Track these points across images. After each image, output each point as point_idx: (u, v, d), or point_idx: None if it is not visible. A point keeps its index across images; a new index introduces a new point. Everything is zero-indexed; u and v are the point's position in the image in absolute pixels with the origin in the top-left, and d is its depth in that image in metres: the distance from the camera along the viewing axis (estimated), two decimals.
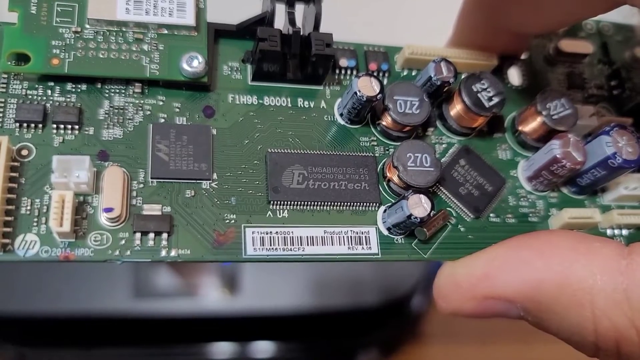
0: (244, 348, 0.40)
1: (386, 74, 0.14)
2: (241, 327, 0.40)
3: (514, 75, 0.16)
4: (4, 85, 0.12)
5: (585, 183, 0.14)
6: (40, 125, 0.12)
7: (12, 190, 0.11)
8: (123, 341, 0.40)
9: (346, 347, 0.42)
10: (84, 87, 0.13)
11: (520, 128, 0.14)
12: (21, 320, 0.39)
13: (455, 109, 0.14)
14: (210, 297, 0.39)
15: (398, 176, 0.13)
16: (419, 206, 0.12)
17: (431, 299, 0.41)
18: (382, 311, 0.41)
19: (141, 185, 0.12)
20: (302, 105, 0.14)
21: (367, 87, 0.13)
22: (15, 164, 0.12)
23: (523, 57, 0.16)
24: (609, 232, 0.14)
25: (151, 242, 0.12)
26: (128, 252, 0.12)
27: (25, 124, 0.12)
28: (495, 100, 0.13)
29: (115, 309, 0.39)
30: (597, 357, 0.12)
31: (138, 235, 0.12)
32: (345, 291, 0.40)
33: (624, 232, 0.15)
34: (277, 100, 0.14)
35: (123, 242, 0.12)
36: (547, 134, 0.14)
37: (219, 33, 0.14)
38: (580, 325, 0.12)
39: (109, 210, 0.12)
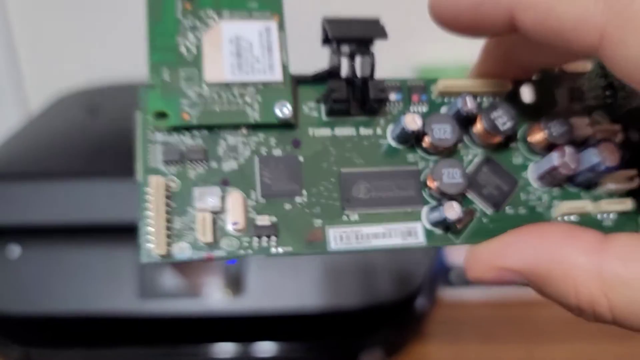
0: (247, 348, 0.41)
1: (426, 102, 0.19)
2: (244, 328, 0.41)
3: (526, 93, 0.20)
4: (152, 138, 0.17)
5: (580, 181, 0.18)
6: (179, 164, 0.17)
7: (169, 212, 0.16)
8: (128, 341, 0.41)
9: (350, 347, 0.42)
10: (206, 132, 0.17)
11: (529, 139, 0.19)
12: (26, 320, 0.40)
13: (478, 130, 0.18)
14: (215, 298, 0.40)
15: (436, 187, 0.17)
16: (451, 210, 0.17)
17: (435, 299, 0.45)
18: (387, 311, 0.42)
19: (254, 203, 0.17)
20: (363, 134, 0.18)
21: (411, 122, 0.17)
22: (168, 193, 0.17)
23: (534, 78, 0.20)
24: (598, 216, 0.19)
25: (265, 243, 0.17)
26: (250, 251, 0.17)
27: (169, 163, 0.17)
28: (508, 124, 0.18)
29: (121, 309, 0.39)
30: (581, 317, 0.16)
31: (255, 239, 0.17)
32: (349, 291, 0.40)
33: (611, 216, 0.19)
34: (345, 130, 0.18)
35: (246, 244, 0.17)
36: (549, 145, 0.18)
37: (299, 81, 0.18)
38: (567, 293, 0.15)
39: (235, 224, 0.17)
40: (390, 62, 0.62)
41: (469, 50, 0.22)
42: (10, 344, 0.41)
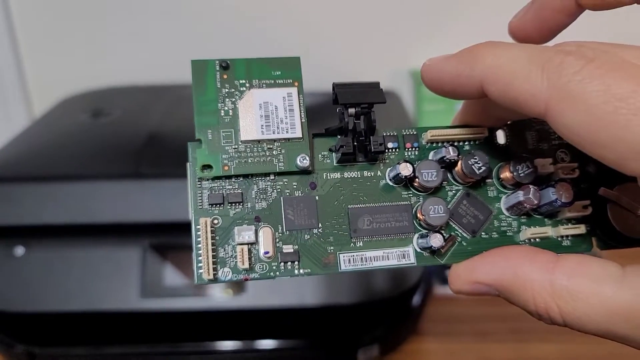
0: (247, 345, 0.42)
1: (417, 148, 0.23)
2: (244, 325, 0.42)
3: (500, 137, 0.24)
4: (199, 185, 0.22)
5: (542, 211, 0.23)
6: (221, 205, 0.22)
7: (214, 244, 0.21)
8: (130, 339, 0.42)
9: (347, 343, 0.43)
10: (241, 180, 0.22)
11: (501, 176, 0.23)
12: (30, 318, 0.41)
13: (459, 173, 0.23)
14: (216, 297, 0.41)
15: (424, 219, 0.22)
16: (436, 240, 0.21)
17: (431, 297, 0.46)
18: (383, 308, 0.43)
19: (280, 234, 0.22)
20: (366, 175, 0.23)
21: (405, 169, 0.22)
22: (212, 228, 0.21)
23: (508, 122, 0.24)
24: (559, 239, 0.23)
25: (289, 267, 0.21)
26: (277, 273, 0.21)
27: (213, 205, 0.22)
28: (483, 169, 0.22)
29: (124, 308, 0.41)
30: (540, 320, 0.20)
31: (282, 264, 0.21)
32: (346, 289, 0.42)
33: (569, 239, 0.23)
34: (352, 174, 0.23)
35: (274, 267, 0.21)
36: (517, 183, 0.23)
37: (314, 135, 0.23)
38: (527, 301, 0.19)
39: (266, 252, 0.21)
40: (388, 67, 0.66)
41: None
42: (14, 343, 0.42)
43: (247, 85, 0.22)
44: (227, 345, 0.42)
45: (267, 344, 0.42)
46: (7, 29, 0.69)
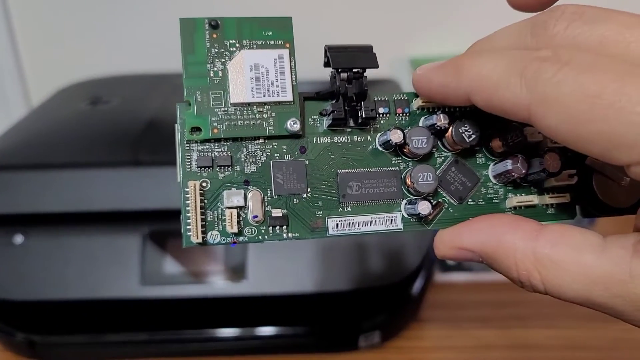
0: (247, 332, 0.42)
1: (408, 114, 0.23)
2: (245, 313, 0.42)
3: None
4: (188, 147, 0.21)
5: (530, 180, 0.23)
6: (210, 168, 0.21)
7: (203, 208, 0.21)
8: (130, 327, 0.42)
9: (348, 330, 0.43)
10: (231, 143, 0.22)
11: (490, 144, 0.23)
12: (30, 307, 0.41)
13: (449, 140, 0.23)
14: (216, 284, 0.42)
15: (413, 186, 0.22)
16: (425, 206, 0.22)
17: (431, 284, 0.47)
18: (384, 295, 0.43)
19: (269, 199, 0.22)
20: (356, 140, 0.23)
21: (395, 135, 0.22)
22: (201, 191, 0.21)
23: None
24: (544, 207, 0.24)
25: (278, 230, 0.22)
26: (266, 237, 0.22)
27: (202, 168, 0.21)
28: (473, 137, 0.22)
29: (124, 295, 0.41)
30: (522, 288, 0.20)
31: (271, 228, 0.22)
32: (347, 276, 0.42)
33: (554, 207, 0.24)
34: (342, 138, 0.22)
35: (263, 231, 0.22)
36: (506, 151, 0.23)
37: (305, 98, 0.22)
38: (509, 268, 0.20)
39: (255, 217, 0.21)
40: (388, 56, 0.65)
41: (458, 46, 0.26)
42: (13, 331, 0.42)
43: (238, 45, 0.21)
44: (228, 332, 0.42)
45: (267, 331, 0.42)
46: (5, 18, 0.68)
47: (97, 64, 0.68)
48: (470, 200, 0.23)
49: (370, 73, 0.22)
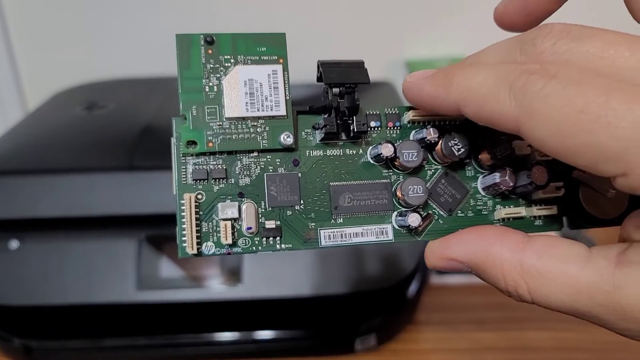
0: (244, 336, 0.42)
1: (399, 127, 0.24)
2: (241, 316, 0.42)
3: None
4: (184, 160, 0.22)
5: (517, 192, 0.24)
6: (205, 181, 0.22)
7: (198, 219, 0.22)
8: (127, 331, 0.42)
9: (345, 333, 0.43)
10: (226, 156, 0.22)
11: (479, 157, 0.24)
12: (26, 312, 0.41)
13: (439, 154, 0.23)
14: (213, 288, 0.42)
15: (403, 199, 0.23)
16: (414, 218, 0.22)
17: (427, 287, 0.46)
18: (380, 299, 0.43)
19: (263, 211, 0.22)
20: (348, 153, 0.23)
21: (386, 148, 0.22)
22: (196, 203, 0.22)
23: None
24: (532, 219, 0.24)
25: (271, 242, 0.22)
26: (260, 248, 0.22)
27: (197, 181, 0.22)
28: (462, 151, 0.23)
29: (120, 300, 0.41)
30: (510, 297, 0.21)
31: (264, 239, 0.22)
32: (342, 279, 0.42)
33: (542, 219, 0.24)
34: (334, 151, 0.23)
35: (256, 242, 0.22)
36: (494, 164, 0.23)
37: (298, 112, 0.23)
38: (497, 279, 0.20)
39: (249, 228, 0.22)
40: (384, 58, 0.65)
41: (453, 49, 0.26)
42: (10, 336, 0.42)
43: (232, 61, 0.22)
44: (224, 336, 0.42)
45: (264, 334, 0.43)
46: (0, 23, 0.68)
47: (93, 68, 0.69)
48: (459, 212, 0.24)
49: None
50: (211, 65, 0.22)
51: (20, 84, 0.73)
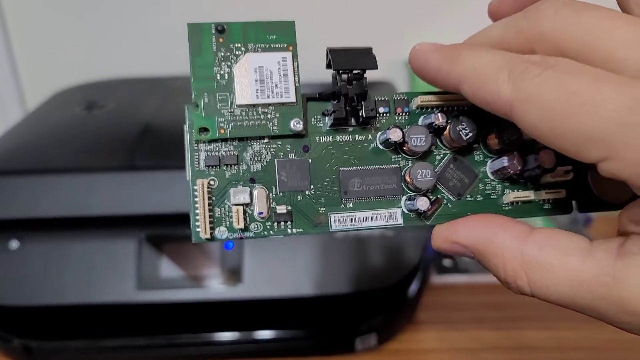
0: (244, 336, 0.42)
1: (407, 113, 0.24)
2: (241, 316, 0.42)
3: None
4: (196, 147, 0.22)
5: (526, 176, 0.24)
6: (217, 167, 0.22)
7: (210, 205, 0.22)
8: (128, 331, 0.42)
9: (345, 333, 0.43)
10: (237, 142, 0.22)
11: (487, 142, 0.24)
12: (26, 312, 0.41)
13: (447, 138, 0.23)
14: (213, 288, 0.42)
15: (412, 183, 0.23)
16: (423, 202, 0.22)
17: (427, 286, 0.47)
18: (381, 298, 0.43)
19: (274, 196, 0.22)
20: (357, 139, 0.23)
21: (395, 134, 0.22)
22: (209, 189, 0.22)
23: None
24: (540, 202, 0.24)
25: (282, 226, 0.22)
26: (271, 232, 0.22)
27: (210, 167, 0.22)
28: (470, 135, 0.23)
29: (121, 300, 0.41)
30: (509, 289, 0.21)
31: (276, 223, 0.22)
32: (344, 279, 0.42)
33: (550, 202, 0.24)
34: (344, 137, 0.23)
35: (268, 227, 0.22)
36: (502, 149, 0.24)
37: (308, 99, 0.23)
38: (497, 267, 0.21)
39: (261, 213, 0.22)
40: (384, 58, 0.66)
41: None
42: (10, 337, 0.42)
43: (243, 49, 0.22)
44: (224, 336, 0.42)
45: (264, 334, 0.43)
46: (0, 22, 0.68)
47: (93, 68, 0.69)
48: (468, 196, 0.24)
49: (367, 75, 0.22)
50: (222, 54, 0.22)
51: (20, 83, 0.73)
